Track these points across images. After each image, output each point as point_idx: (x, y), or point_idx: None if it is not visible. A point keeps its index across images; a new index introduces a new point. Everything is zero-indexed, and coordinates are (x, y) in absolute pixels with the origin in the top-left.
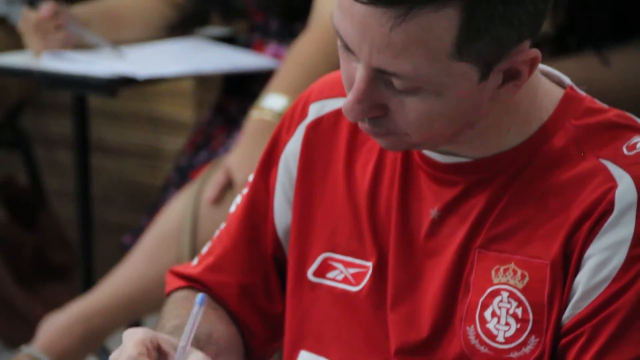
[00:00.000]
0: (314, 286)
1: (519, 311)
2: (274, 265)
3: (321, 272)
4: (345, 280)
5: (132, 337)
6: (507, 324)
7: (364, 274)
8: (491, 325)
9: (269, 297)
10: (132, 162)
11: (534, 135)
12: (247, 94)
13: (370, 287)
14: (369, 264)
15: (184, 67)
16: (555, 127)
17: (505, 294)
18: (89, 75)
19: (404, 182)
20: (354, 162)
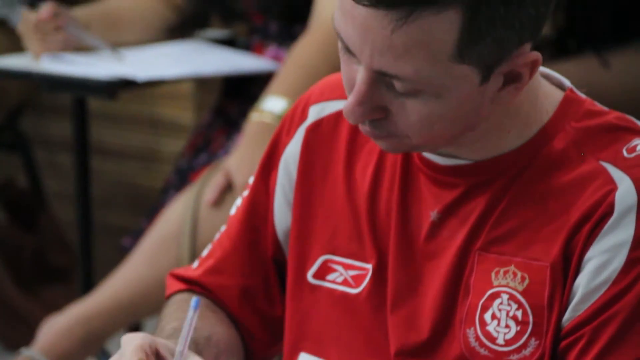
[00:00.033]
0: (314, 288)
1: (519, 313)
2: (274, 267)
3: (321, 274)
4: (345, 282)
5: (131, 343)
6: (507, 326)
7: (364, 276)
8: (491, 327)
9: (269, 300)
10: (131, 165)
11: (534, 137)
12: (247, 96)
13: (370, 289)
14: (369, 266)
15: (184, 69)
16: (555, 130)
17: (505, 297)
18: (88, 77)
19: (404, 185)
20: (354, 164)
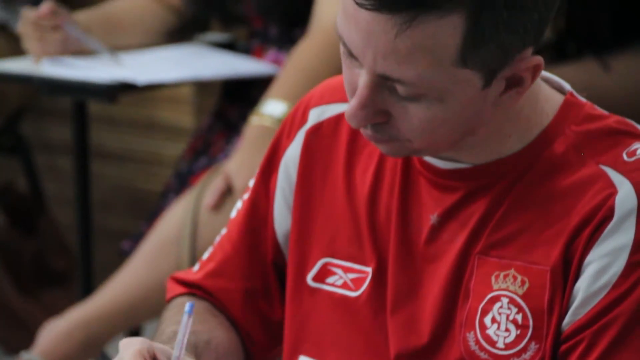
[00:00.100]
0: (314, 291)
1: (519, 317)
2: (274, 270)
3: (320, 277)
4: (344, 285)
5: (129, 348)
6: (507, 330)
7: (364, 279)
8: (491, 331)
9: (270, 303)
10: (131, 168)
11: (534, 141)
12: (247, 100)
13: (369, 292)
14: (369, 269)
15: (184, 73)
16: (555, 133)
17: (505, 300)
18: (88, 81)
19: (404, 188)
20: (354, 167)
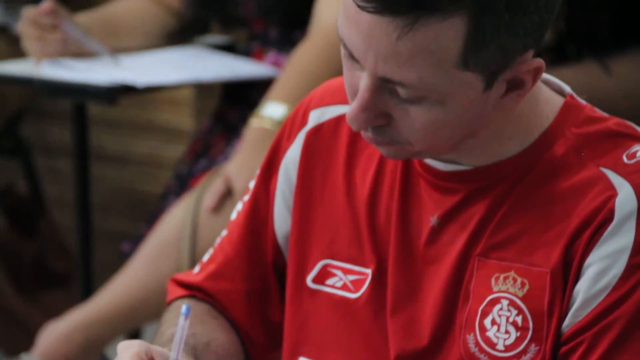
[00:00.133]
0: (313, 293)
1: (519, 319)
2: (274, 272)
3: (320, 278)
4: (344, 287)
5: (127, 350)
6: (507, 332)
7: (363, 281)
8: (491, 333)
9: (270, 304)
10: (131, 170)
11: (535, 143)
12: (247, 102)
13: (369, 293)
14: (368, 271)
15: (184, 75)
16: (555, 136)
17: (505, 302)
18: (88, 83)
19: (404, 190)
20: (354, 168)
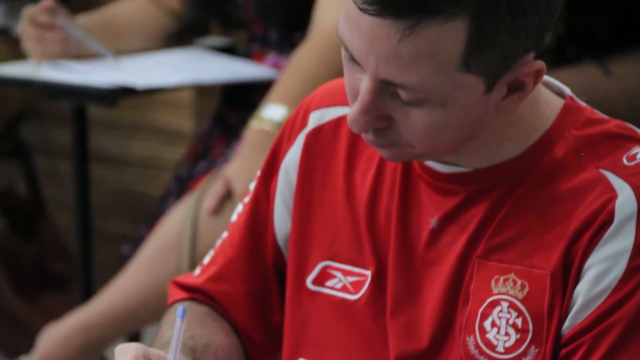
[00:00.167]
0: (313, 294)
1: (519, 321)
2: (274, 273)
3: (320, 280)
4: (344, 288)
5: (125, 354)
6: (507, 334)
7: (363, 283)
8: (491, 335)
9: (271, 306)
10: (131, 172)
11: (535, 145)
12: (247, 104)
13: (369, 295)
14: (368, 273)
15: (184, 77)
16: (555, 138)
17: (505, 304)
18: (88, 85)
19: (404, 191)
20: (354, 170)
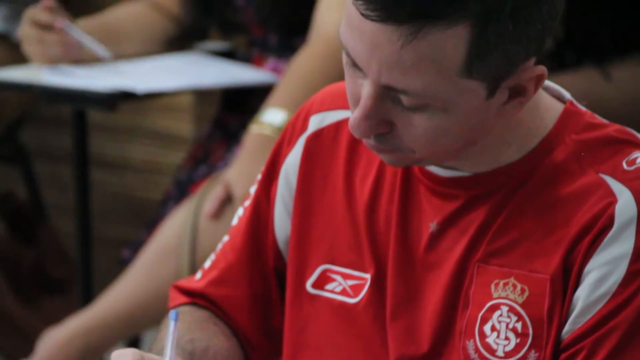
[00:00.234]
0: (313, 298)
1: (519, 325)
2: (275, 276)
3: (320, 283)
4: (343, 292)
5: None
6: (506, 338)
7: (362, 286)
8: (491, 339)
9: (272, 310)
10: (131, 177)
11: (534, 150)
12: (247, 108)
13: (368, 298)
14: (367, 276)
15: (183, 81)
16: (555, 142)
17: (505, 309)
18: (88, 89)
19: (404, 195)
20: (354, 174)
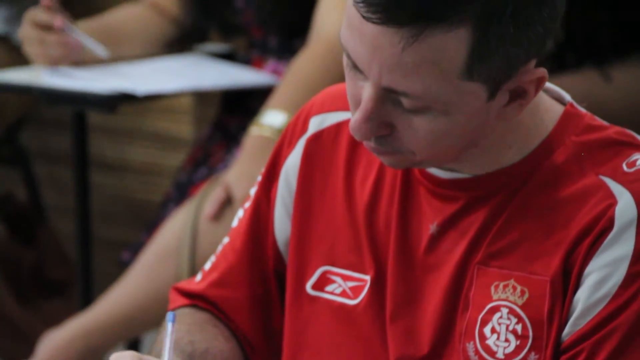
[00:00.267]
0: (313, 299)
1: (519, 327)
2: (275, 278)
3: (320, 285)
4: (343, 293)
5: None
6: (506, 340)
7: (362, 287)
8: (491, 341)
9: (272, 311)
10: (131, 179)
11: (535, 151)
12: (246, 110)
13: (368, 300)
14: (367, 277)
15: (183, 83)
16: (555, 144)
17: (505, 310)
18: (88, 91)
19: (404, 197)
20: (354, 175)
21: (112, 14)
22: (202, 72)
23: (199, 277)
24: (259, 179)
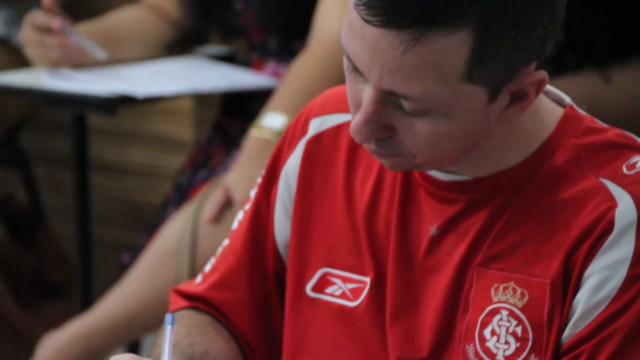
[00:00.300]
0: (313, 301)
1: (519, 330)
2: (275, 280)
3: (320, 287)
4: (343, 295)
5: None
6: (506, 342)
7: (362, 289)
8: (491, 343)
9: (272, 313)
10: (131, 181)
11: (534, 154)
12: (246, 112)
13: (368, 301)
14: (367, 279)
15: (183, 85)
16: (555, 146)
17: (504, 313)
18: (88, 94)
19: (404, 199)
20: (354, 177)
21: (112, 16)
22: (202, 75)
23: (199, 279)
24: (259, 181)
